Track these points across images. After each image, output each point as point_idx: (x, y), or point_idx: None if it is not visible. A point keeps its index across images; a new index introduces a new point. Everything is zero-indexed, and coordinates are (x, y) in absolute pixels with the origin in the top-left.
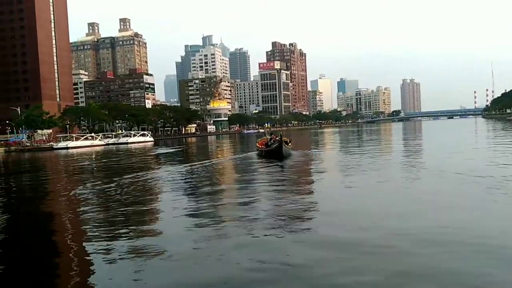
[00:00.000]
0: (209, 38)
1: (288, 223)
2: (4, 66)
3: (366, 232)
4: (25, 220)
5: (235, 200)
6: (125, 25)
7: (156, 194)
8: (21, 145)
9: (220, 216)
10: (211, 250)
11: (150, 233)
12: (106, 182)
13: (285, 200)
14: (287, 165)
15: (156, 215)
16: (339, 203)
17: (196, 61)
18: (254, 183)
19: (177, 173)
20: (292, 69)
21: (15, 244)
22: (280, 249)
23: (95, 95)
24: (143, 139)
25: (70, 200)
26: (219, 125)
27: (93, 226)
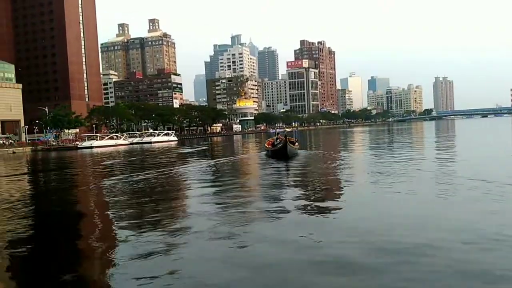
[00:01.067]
0: (237, 37)
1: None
2: (35, 67)
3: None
4: (56, 212)
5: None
6: (154, 26)
7: (181, 186)
8: (47, 144)
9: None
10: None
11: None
12: (128, 177)
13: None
14: (291, 166)
15: (181, 206)
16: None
17: (224, 60)
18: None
19: (196, 169)
20: (320, 68)
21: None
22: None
23: (124, 95)
24: (166, 139)
25: (95, 192)
26: (245, 124)
27: (119, 217)
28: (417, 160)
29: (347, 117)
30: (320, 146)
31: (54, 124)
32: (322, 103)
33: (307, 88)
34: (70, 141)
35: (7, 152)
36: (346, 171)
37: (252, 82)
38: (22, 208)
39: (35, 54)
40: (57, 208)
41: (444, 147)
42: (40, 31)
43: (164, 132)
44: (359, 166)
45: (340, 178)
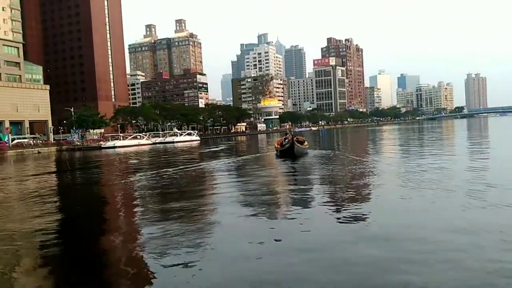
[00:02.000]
0: (264, 36)
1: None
2: (63, 68)
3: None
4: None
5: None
6: (180, 26)
7: (205, 182)
8: (72, 144)
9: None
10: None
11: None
12: (150, 174)
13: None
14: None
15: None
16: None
17: (250, 59)
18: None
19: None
20: (348, 65)
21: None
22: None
23: (151, 95)
24: (189, 138)
25: (121, 187)
26: (269, 123)
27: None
28: (448, 164)
29: (376, 115)
30: (345, 145)
31: (79, 124)
32: (350, 101)
33: (334, 86)
34: (94, 141)
35: (32, 152)
36: (348, 174)
37: (277, 81)
38: (54, 201)
39: (63, 56)
40: (87, 201)
41: (477, 148)
42: (67, 33)
43: (187, 132)
44: (368, 168)
45: (339, 183)
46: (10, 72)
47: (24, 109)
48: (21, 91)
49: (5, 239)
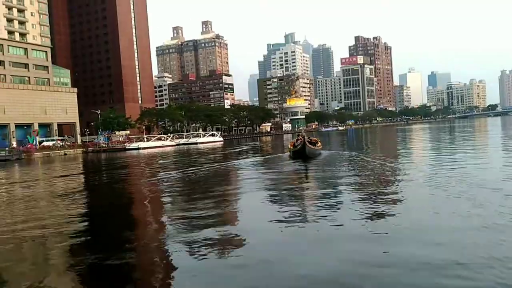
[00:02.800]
0: (291, 36)
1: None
2: (91, 71)
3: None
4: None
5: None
6: (207, 28)
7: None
8: (97, 146)
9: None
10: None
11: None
12: (176, 172)
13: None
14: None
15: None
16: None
17: (276, 59)
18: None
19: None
20: (376, 64)
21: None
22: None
23: (178, 96)
24: (212, 139)
25: (148, 184)
26: (295, 123)
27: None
28: (481, 167)
29: (405, 114)
30: (374, 146)
31: (105, 126)
32: (379, 100)
33: (362, 85)
34: (119, 142)
35: (58, 154)
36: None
37: (304, 80)
38: (88, 198)
39: (90, 59)
40: (118, 197)
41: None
42: (94, 36)
43: (210, 133)
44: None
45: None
46: (39, 75)
47: (52, 112)
48: (49, 94)
49: (38, 236)
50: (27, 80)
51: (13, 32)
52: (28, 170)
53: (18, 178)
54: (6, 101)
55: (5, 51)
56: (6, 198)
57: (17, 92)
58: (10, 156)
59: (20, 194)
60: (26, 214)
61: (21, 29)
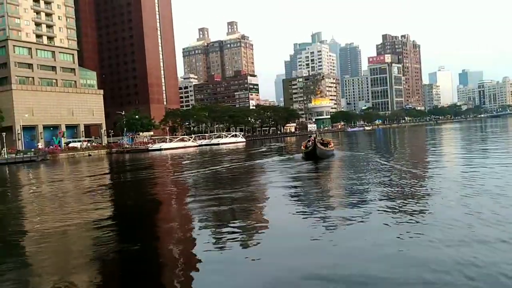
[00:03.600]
0: (318, 35)
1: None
2: (117, 73)
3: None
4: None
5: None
6: (232, 28)
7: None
8: (121, 147)
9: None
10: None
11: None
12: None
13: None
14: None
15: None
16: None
17: (302, 59)
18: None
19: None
20: (404, 62)
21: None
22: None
23: (203, 97)
24: (234, 140)
25: (173, 182)
26: (320, 123)
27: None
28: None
29: (434, 113)
30: (403, 148)
31: (129, 127)
32: (407, 99)
33: (390, 84)
34: (142, 143)
35: (83, 155)
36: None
37: (330, 80)
38: (119, 194)
39: (117, 61)
40: (147, 194)
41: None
42: (120, 39)
43: (232, 133)
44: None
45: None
46: (66, 78)
47: (79, 113)
48: (76, 96)
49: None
50: (55, 83)
51: (41, 35)
52: (52, 170)
53: (46, 177)
54: (34, 103)
55: (33, 54)
56: (41, 195)
57: (45, 94)
58: (36, 157)
59: (49, 192)
60: (63, 208)
61: (48, 33)
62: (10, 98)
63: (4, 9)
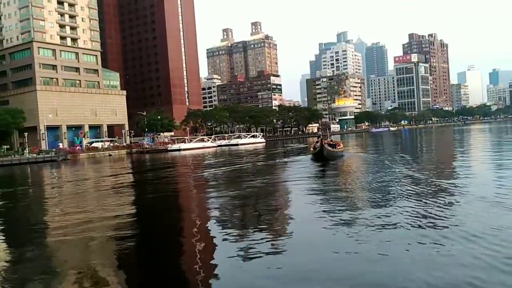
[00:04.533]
0: (343, 35)
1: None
2: (141, 74)
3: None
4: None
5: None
6: (256, 29)
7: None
8: (141, 147)
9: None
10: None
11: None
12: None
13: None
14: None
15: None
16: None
17: (327, 58)
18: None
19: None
20: (431, 62)
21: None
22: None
23: (226, 97)
24: (253, 141)
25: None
26: (344, 123)
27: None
28: None
29: (462, 114)
30: (429, 149)
31: (149, 127)
32: (434, 99)
33: (416, 84)
34: (162, 143)
35: (103, 155)
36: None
37: (354, 80)
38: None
39: (140, 63)
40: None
41: None
42: (144, 40)
43: (251, 134)
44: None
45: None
46: (89, 79)
47: (102, 114)
48: (99, 97)
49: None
50: (78, 83)
51: (65, 37)
52: (71, 169)
53: (65, 176)
54: (58, 104)
55: (57, 56)
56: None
57: (69, 95)
58: (56, 157)
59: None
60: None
61: (72, 34)
62: (34, 98)
63: (29, 12)
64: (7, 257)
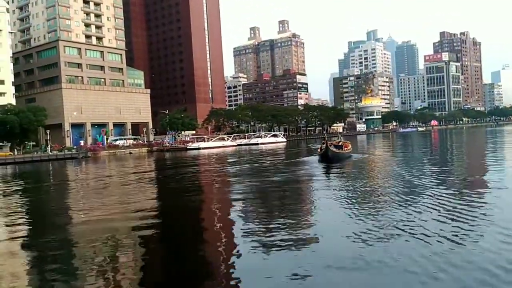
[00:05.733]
0: (373, 33)
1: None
2: (166, 72)
3: None
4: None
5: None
6: (283, 27)
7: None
8: (161, 146)
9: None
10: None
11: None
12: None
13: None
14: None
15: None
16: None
17: (355, 57)
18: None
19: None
20: (463, 61)
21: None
22: None
23: (252, 96)
24: (274, 140)
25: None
26: (370, 123)
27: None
28: None
29: (495, 114)
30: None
31: (170, 126)
32: (465, 99)
33: (447, 84)
34: (182, 142)
35: (124, 153)
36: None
37: (382, 79)
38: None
39: (165, 61)
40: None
41: None
42: (169, 39)
43: (272, 133)
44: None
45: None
46: (114, 77)
47: (126, 112)
48: (123, 95)
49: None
50: (103, 82)
51: (90, 36)
52: (91, 166)
53: (84, 172)
54: (83, 102)
55: (82, 54)
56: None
57: (93, 93)
58: (77, 154)
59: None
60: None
61: (97, 33)
62: (60, 96)
63: (55, 12)
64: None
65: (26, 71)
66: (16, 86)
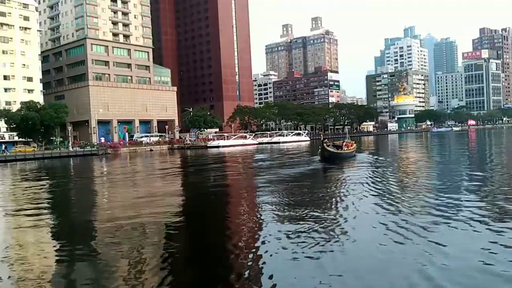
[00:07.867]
0: (411, 29)
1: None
2: (194, 70)
3: None
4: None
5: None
6: (316, 24)
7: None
8: (182, 143)
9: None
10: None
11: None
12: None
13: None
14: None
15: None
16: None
17: (391, 54)
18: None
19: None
20: (504, 58)
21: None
22: None
23: (282, 94)
24: (297, 139)
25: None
26: (403, 122)
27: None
28: None
29: None
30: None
31: (192, 124)
32: (506, 98)
33: (486, 82)
34: (203, 140)
35: (145, 150)
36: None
37: (417, 76)
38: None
39: (194, 59)
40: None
41: None
42: (198, 37)
43: (295, 132)
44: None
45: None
46: (141, 75)
47: (152, 109)
48: (150, 93)
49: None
50: (130, 79)
51: (117, 34)
52: (107, 163)
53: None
54: (110, 99)
55: (109, 52)
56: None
57: (120, 90)
58: (97, 151)
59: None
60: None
61: (125, 31)
62: (87, 93)
63: (83, 10)
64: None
65: (56, 69)
66: (46, 83)
